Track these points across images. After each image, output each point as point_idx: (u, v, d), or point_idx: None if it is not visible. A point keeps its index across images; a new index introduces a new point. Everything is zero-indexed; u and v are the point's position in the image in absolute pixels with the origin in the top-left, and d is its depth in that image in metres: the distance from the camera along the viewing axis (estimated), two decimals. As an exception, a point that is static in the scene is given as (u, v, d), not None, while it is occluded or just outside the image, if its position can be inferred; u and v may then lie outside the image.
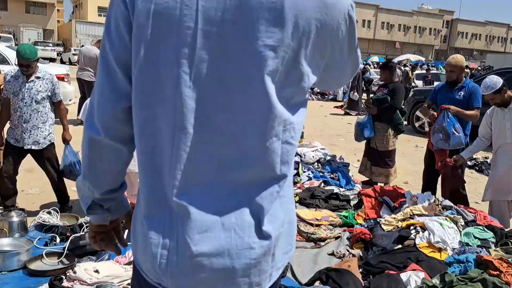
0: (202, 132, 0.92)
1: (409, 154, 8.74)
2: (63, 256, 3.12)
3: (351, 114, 13.94)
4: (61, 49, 36.29)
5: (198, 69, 0.89)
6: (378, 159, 5.64)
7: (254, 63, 0.89)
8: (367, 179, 5.90)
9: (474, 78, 11.52)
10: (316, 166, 5.76)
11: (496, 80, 3.92)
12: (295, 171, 5.59)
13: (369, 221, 4.25)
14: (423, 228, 3.18)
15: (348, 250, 3.55)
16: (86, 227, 3.58)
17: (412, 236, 3.13)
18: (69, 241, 3.23)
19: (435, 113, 4.61)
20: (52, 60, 31.15)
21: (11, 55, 8.48)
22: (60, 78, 8.84)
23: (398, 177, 6.62)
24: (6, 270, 2.95)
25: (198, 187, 0.94)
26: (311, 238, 3.83)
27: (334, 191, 5.00)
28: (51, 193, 4.76)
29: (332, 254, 3.57)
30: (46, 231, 3.65)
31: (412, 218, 3.42)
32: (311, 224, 4.11)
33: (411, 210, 3.60)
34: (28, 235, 3.59)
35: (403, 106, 6.44)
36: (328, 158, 5.97)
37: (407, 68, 19.51)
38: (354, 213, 4.43)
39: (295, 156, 5.83)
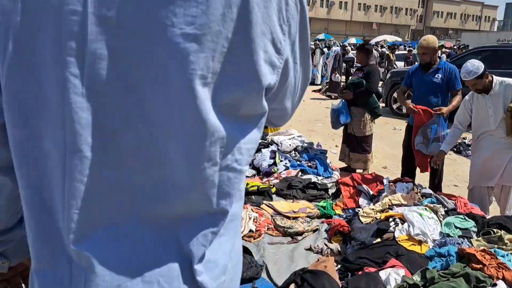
0: (105, 154, 0.68)
1: (387, 137, 8.66)
2: None
3: (332, 97, 13.82)
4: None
5: (94, 70, 0.65)
6: (356, 144, 5.51)
7: (172, 58, 0.65)
8: (346, 165, 5.77)
9: (451, 57, 11.49)
10: (293, 155, 5.58)
11: (478, 65, 3.66)
12: (272, 161, 5.40)
13: (347, 211, 4.11)
14: (402, 220, 3.03)
15: (326, 244, 3.39)
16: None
17: (391, 228, 2.98)
18: None
19: (413, 107, 4.38)
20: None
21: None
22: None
23: (377, 162, 6.52)
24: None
25: (105, 229, 0.70)
26: (287, 232, 3.66)
27: (312, 180, 4.84)
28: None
29: (310, 249, 3.41)
30: None
31: (391, 209, 3.27)
32: (288, 217, 3.94)
33: (389, 200, 3.45)
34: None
35: (379, 89, 6.28)
36: (305, 145, 5.79)
37: (384, 50, 19.41)
38: (332, 203, 4.27)
39: (272, 145, 5.64)
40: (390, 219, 3.08)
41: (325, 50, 17.69)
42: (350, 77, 5.56)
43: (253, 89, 0.72)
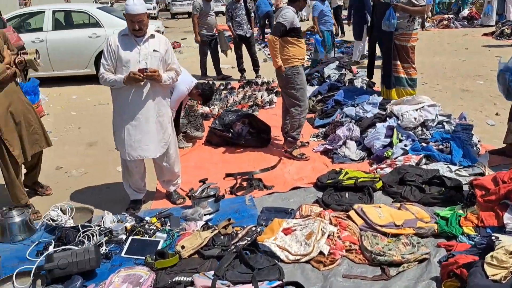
0: None
1: None
2: (30, 282, 2.50)
3: None
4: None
5: None
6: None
7: None
8: (502, 146, 4.04)
9: None
10: (419, 132, 4.13)
11: None
12: (388, 140, 4.08)
13: (483, 231, 2.70)
14: None
15: (428, 295, 2.18)
16: (85, 229, 2.93)
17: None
18: (38, 260, 2.59)
19: None
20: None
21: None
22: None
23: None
24: (-35, 298, 2.47)
25: None
26: (377, 261, 2.52)
27: (439, 173, 3.44)
28: (98, 173, 4.33)
29: (402, 297, 2.25)
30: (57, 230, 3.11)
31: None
32: (385, 234, 2.77)
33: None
34: (32, 238, 3.11)
35: None
36: (440, 119, 4.24)
37: None
38: (461, 215, 2.88)
39: (391, 117, 4.31)
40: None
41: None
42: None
43: None
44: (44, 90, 7.40)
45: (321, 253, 2.60)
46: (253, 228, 2.89)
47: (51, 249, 2.85)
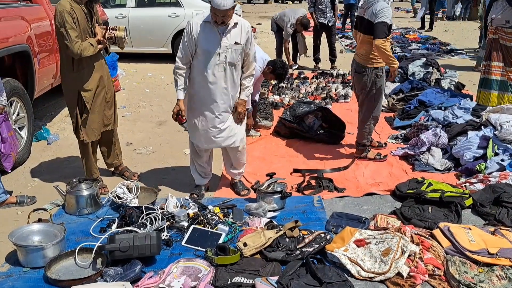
0: None
1: None
2: (91, 259, 2.46)
3: None
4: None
5: None
6: None
7: None
8: None
9: None
10: (520, 147, 3.61)
11: None
12: (481, 152, 3.61)
13: None
14: None
15: None
16: (148, 212, 2.85)
17: None
18: (101, 238, 2.55)
19: None
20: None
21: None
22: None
23: None
24: (29, 266, 2.48)
25: None
26: (465, 293, 2.18)
27: (543, 197, 2.96)
28: (165, 153, 4.30)
29: None
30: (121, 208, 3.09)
31: None
32: (476, 262, 2.40)
33: None
34: (97, 213, 3.12)
35: None
36: (547, 133, 3.68)
37: None
38: None
39: (486, 126, 3.84)
40: None
41: None
42: None
43: None
44: (122, 65, 7.59)
45: (399, 274, 2.31)
46: (322, 235, 2.65)
47: (114, 227, 2.84)
